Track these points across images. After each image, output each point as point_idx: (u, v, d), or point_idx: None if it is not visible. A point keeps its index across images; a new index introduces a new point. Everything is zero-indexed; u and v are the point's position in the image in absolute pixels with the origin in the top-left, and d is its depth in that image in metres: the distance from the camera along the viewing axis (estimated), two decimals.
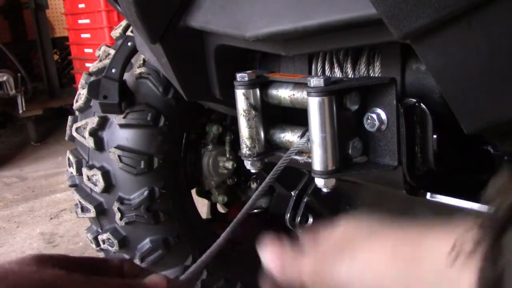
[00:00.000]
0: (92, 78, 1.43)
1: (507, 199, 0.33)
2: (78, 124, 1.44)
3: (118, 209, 1.39)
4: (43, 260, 0.42)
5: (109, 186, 1.40)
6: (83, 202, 1.45)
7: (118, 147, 1.37)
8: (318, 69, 0.97)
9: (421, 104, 0.80)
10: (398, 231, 0.43)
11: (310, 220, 1.36)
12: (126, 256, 1.46)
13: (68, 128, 1.50)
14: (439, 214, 0.89)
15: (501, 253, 0.31)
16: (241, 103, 0.88)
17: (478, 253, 0.32)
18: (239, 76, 0.87)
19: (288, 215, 1.35)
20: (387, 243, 0.41)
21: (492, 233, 0.32)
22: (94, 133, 1.40)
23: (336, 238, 0.47)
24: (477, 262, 0.32)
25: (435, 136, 0.80)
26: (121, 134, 1.38)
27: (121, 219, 1.40)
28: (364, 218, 0.50)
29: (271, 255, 0.53)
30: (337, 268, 0.44)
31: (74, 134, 1.45)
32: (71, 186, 1.53)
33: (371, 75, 0.89)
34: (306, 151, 0.82)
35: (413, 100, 0.80)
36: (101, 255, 1.53)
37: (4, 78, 4.06)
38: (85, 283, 0.40)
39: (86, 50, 4.62)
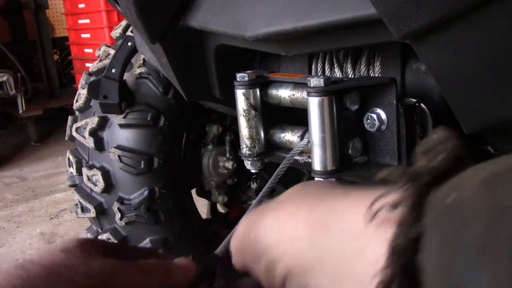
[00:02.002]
0: (92, 78, 1.43)
1: (434, 158, 0.30)
2: (78, 124, 1.44)
3: (118, 209, 1.39)
4: (86, 248, 0.42)
5: (109, 186, 1.40)
6: (83, 202, 1.45)
7: (118, 147, 1.37)
8: (318, 69, 0.97)
9: (421, 104, 0.80)
10: (323, 193, 0.39)
11: None
12: None
13: (68, 128, 1.50)
14: None
15: (419, 218, 0.28)
16: (241, 103, 0.88)
17: (394, 217, 0.29)
18: (239, 76, 0.87)
19: None
20: (305, 205, 0.38)
21: (412, 195, 0.29)
22: (94, 133, 1.40)
23: (273, 202, 0.44)
24: (390, 228, 0.29)
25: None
26: (121, 134, 1.38)
27: (121, 219, 1.40)
28: (312, 182, 0.46)
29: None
30: (259, 229, 0.40)
31: (74, 134, 1.45)
32: (71, 186, 1.53)
33: (371, 75, 0.89)
34: (306, 151, 0.82)
35: (413, 100, 0.80)
36: None
37: (4, 78, 4.06)
38: (128, 271, 0.41)
39: (86, 50, 4.62)
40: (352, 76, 0.91)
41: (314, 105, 0.76)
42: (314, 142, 0.78)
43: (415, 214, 0.28)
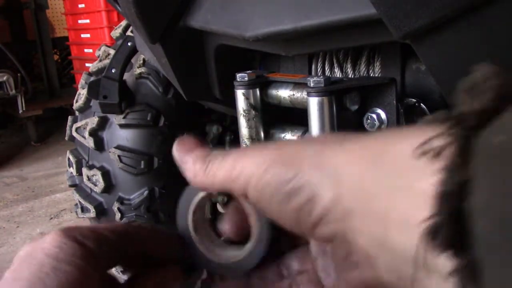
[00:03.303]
0: (92, 78, 1.43)
1: (479, 98, 0.28)
2: (78, 124, 1.44)
3: (118, 209, 1.39)
4: (83, 241, 0.37)
5: (109, 186, 1.40)
6: (83, 202, 1.45)
7: (118, 147, 1.37)
8: (318, 69, 0.97)
9: (421, 104, 0.80)
10: (368, 136, 0.35)
11: None
12: None
13: (68, 128, 1.50)
14: None
15: (467, 162, 0.26)
16: (241, 103, 0.88)
17: (443, 159, 0.27)
18: (239, 76, 0.87)
19: None
20: (356, 146, 0.34)
21: (458, 139, 0.27)
22: (94, 133, 1.40)
23: (293, 141, 0.39)
24: (439, 170, 0.27)
25: None
26: (121, 134, 1.38)
27: (121, 219, 1.40)
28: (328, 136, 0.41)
29: (186, 155, 0.43)
30: (287, 166, 0.34)
31: (74, 134, 1.45)
32: (71, 186, 1.53)
33: (371, 75, 0.89)
34: None
35: (413, 100, 0.80)
36: None
37: (4, 78, 4.06)
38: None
39: (86, 50, 4.62)
40: (352, 76, 0.91)
41: (314, 105, 0.76)
42: None
43: (462, 158, 0.27)
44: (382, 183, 0.30)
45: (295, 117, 0.90)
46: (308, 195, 0.33)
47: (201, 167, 0.42)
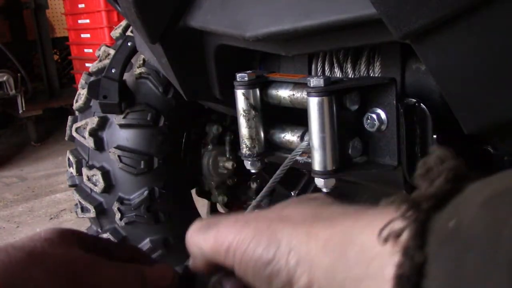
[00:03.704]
0: (92, 78, 1.43)
1: (433, 182, 0.30)
2: (78, 124, 1.44)
3: (118, 209, 1.39)
4: (68, 239, 0.43)
5: (109, 186, 1.40)
6: (83, 202, 1.45)
7: (118, 147, 1.37)
8: (318, 69, 0.96)
9: (421, 104, 0.80)
10: (333, 214, 0.39)
11: None
12: None
13: (68, 128, 1.50)
14: None
15: (423, 245, 0.28)
16: (241, 103, 0.88)
17: (401, 242, 0.29)
18: (239, 76, 0.87)
19: None
20: (320, 227, 0.37)
21: (414, 222, 0.29)
22: (94, 133, 1.40)
23: (272, 213, 0.42)
24: (397, 255, 0.29)
25: (435, 136, 0.80)
26: (121, 134, 1.38)
27: (121, 219, 1.40)
28: (308, 198, 0.45)
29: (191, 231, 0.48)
30: (266, 248, 0.39)
31: (74, 134, 1.45)
32: (71, 186, 1.53)
33: (371, 75, 0.89)
34: (306, 151, 0.82)
35: (413, 100, 0.80)
36: None
37: (4, 78, 4.06)
38: (102, 266, 0.42)
39: (86, 50, 4.62)
40: (352, 76, 0.91)
41: (314, 105, 0.76)
42: (314, 142, 0.78)
43: (417, 241, 0.28)
44: (352, 272, 0.33)
45: (295, 117, 0.90)
46: (286, 278, 0.37)
47: (191, 239, 0.48)
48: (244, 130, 0.89)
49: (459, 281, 0.25)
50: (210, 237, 0.43)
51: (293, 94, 0.84)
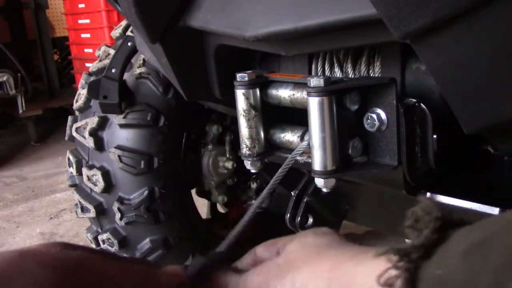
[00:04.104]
0: (92, 78, 1.43)
1: (421, 232, 0.33)
2: (78, 124, 1.44)
3: (118, 209, 1.39)
4: (67, 246, 0.43)
5: (109, 186, 1.40)
6: (83, 202, 1.45)
7: (118, 147, 1.37)
8: (318, 69, 0.96)
9: (421, 104, 0.80)
10: (336, 256, 0.43)
11: (310, 220, 1.36)
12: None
13: (68, 128, 1.50)
14: None
15: None
16: (241, 103, 0.88)
17: None
18: (239, 76, 0.87)
19: (288, 215, 1.35)
20: (324, 268, 0.42)
21: (405, 272, 0.32)
22: (94, 133, 1.40)
23: (280, 259, 0.47)
24: None
25: (435, 136, 0.80)
26: (121, 134, 1.38)
27: (121, 219, 1.40)
28: (314, 236, 0.50)
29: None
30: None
31: (74, 134, 1.45)
32: (71, 186, 1.53)
33: (371, 75, 0.89)
34: (306, 151, 0.82)
35: (413, 100, 0.80)
36: None
37: (4, 78, 4.06)
38: (107, 264, 0.43)
39: (86, 50, 4.61)
40: (352, 76, 0.91)
41: (314, 105, 0.76)
42: (314, 142, 0.78)
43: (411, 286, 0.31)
44: None
45: (295, 117, 0.90)
46: None
47: None
48: (244, 130, 0.89)
49: None
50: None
51: (293, 94, 0.84)
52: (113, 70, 1.31)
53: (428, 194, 0.88)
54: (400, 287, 0.32)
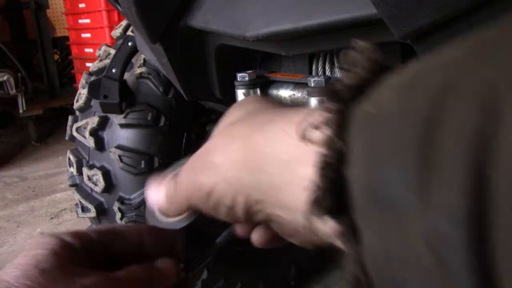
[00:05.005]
0: (93, 78, 1.43)
1: (355, 75, 0.30)
2: (79, 124, 1.44)
3: (119, 209, 1.39)
4: (63, 260, 0.41)
5: (109, 186, 1.40)
6: (84, 202, 1.45)
7: (119, 147, 1.37)
8: (319, 69, 0.97)
9: None
10: (252, 120, 0.38)
11: None
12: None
13: (68, 128, 1.50)
14: None
15: (344, 131, 0.28)
16: None
17: (321, 133, 0.29)
18: (239, 76, 0.87)
19: None
20: (235, 147, 0.37)
21: (334, 111, 0.29)
22: (94, 132, 1.40)
23: (204, 147, 0.42)
24: (319, 144, 0.29)
25: None
26: (121, 134, 1.38)
27: (121, 219, 1.40)
28: (238, 107, 0.44)
29: (152, 191, 0.46)
30: (193, 176, 0.40)
31: (75, 134, 1.45)
32: (72, 186, 1.53)
33: None
34: None
35: None
36: None
37: (5, 78, 4.06)
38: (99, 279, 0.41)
39: (87, 50, 4.61)
40: None
41: (315, 105, 0.76)
42: None
43: (339, 129, 0.28)
44: (273, 180, 0.34)
45: None
46: (228, 202, 0.38)
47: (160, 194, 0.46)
48: None
49: (374, 163, 0.25)
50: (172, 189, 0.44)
51: (294, 94, 0.84)
52: (114, 70, 1.31)
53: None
54: (327, 131, 0.29)
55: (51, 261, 0.40)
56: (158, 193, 0.45)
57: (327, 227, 0.30)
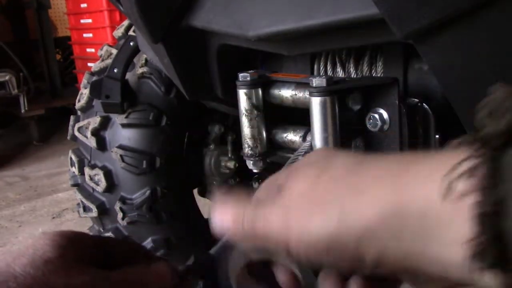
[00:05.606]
0: (94, 78, 1.43)
1: (501, 119, 0.29)
2: (80, 123, 1.44)
3: (120, 208, 1.39)
4: (66, 254, 0.42)
5: (111, 185, 1.40)
6: (85, 201, 1.45)
7: (120, 147, 1.37)
8: (321, 69, 0.96)
9: (424, 104, 0.79)
10: (379, 166, 0.36)
11: None
12: None
13: (70, 127, 1.51)
14: None
15: (500, 180, 0.27)
16: (243, 103, 0.88)
17: (473, 184, 0.28)
18: (241, 75, 0.87)
19: None
20: (368, 183, 0.34)
21: (487, 160, 0.28)
22: (96, 132, 1.40)
23: (304, 185, 0.38)
24: (472, 196, 0.28)
25: (437, 136, 0.80)
26: (123, 134, 1.38)
27: (123, 218, 1.40)
28: (337, 155, 0.40)
29: (220, 212, 0.43)
30: (313, 222, 0.36)
31: (76, 133, 1.45)
32: (73, 185, 1.53)
33: (374, 75, 0.89)
34: (308, 151, 0.82)
35: (416, 100, 0.80)
36: None
37: (7, 78, 4.07)
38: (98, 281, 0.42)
39: (89, 50, 4.62)
40: (355, 76, 0.91)
41: (316, 105, 0.76)
42: (316, 142, 0.78)
43: (493, 179, 0.27)
44: (416, 234, 0.32)
45: (297, 117, 0.90)
46: (352, 252, 0.35)
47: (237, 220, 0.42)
48: (246, 129, 0.89)
49: None
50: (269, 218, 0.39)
51: (295, 94, 0.84)
52: (115, 70, 1.31)
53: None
54: (481, 180, 0.27)
55: (56, 253, 0.41)
56: (234, 222, 0.41)
57: (488, 279, 0.28)
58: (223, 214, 0.42)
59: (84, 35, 4.60)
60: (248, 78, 0.86)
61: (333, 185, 0.37)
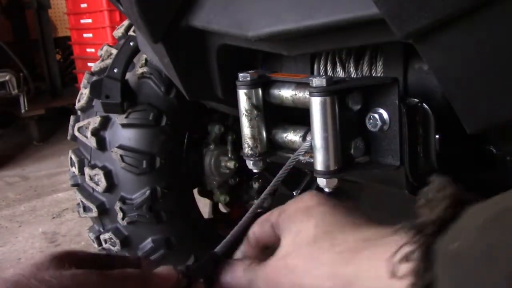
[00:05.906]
0: (94, 78, 1.43)
1: (435, 210, 0.33)
2: (80, 123, 1.44)
3: (120, 208, 1.39)
4: (60, 260, 0.43)
5: (111, 185, 1.40)
6: (85, 201, 1.45)
7: (120, 147, 1.37)
8: (321, 69, 0.96)
9: (424, 104, 0.79)
10: (341, 244, 0.42)
11: None
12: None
13: (70, 127, 1.51)
14: None
15: (430, 267, 0.31)
16: (243, 103, 0.88)
17: (409, 267, 0.33)
18: (241, 75, 0.87)
19: None
20: (327, 256, 0.42)
21: (420, 247, 0.32)
22: (96, 132, 1.40)
23: (276, 260, 0.47)
24: (409, 277, 0.33)
25: (437, 136, 0.80)
26: (123, 134, 1.38)
27: (123, 218, 1.40)
28: (307, 219, 0.49)
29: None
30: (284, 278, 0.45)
31: (76, 133, 1.45)
32: (73, 185, 1.53)
33: (374, 75, 0.89)
34: (308, 151, 0.82)
35: (416, 100, 0.80)
36: None
37: (7, 78, 4.07)
38: (100, 282, 0.41)
39: (89, 50, 4.62)
40: (355, 76, 0.91)
41: (316, 105, 0.76)
42: (316, 142, 0.78)
43: (425, 263, 0.31)
44: None
45: (297, 117, 0.90)
46: None
47: None
48: (246, 129, 0.89)
49: None
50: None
51: (295, 94, 0.84)
52: (115, 70, 1.31)
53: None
54: (416, 263, 0.32)
55: (50, 259, 0.42)
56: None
57: None
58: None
59: (84, 35, 4.60)
60: (248, 78, 0.86)
61: (300, 256, 0.45)
